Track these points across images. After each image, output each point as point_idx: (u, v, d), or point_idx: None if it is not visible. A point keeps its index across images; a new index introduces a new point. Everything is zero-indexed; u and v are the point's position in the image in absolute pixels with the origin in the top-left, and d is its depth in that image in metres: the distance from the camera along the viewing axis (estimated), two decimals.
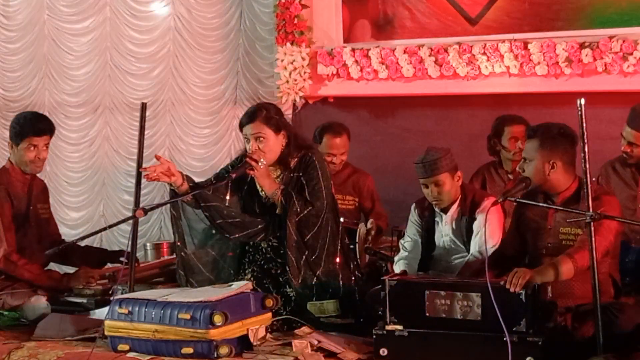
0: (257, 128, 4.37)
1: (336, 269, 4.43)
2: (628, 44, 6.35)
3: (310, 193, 4.40)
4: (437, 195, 4.62)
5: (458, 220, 4.67)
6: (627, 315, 3.77)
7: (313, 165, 4.43)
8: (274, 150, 4.38)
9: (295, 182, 4.43)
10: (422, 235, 4.79)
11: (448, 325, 3.70)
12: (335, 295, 4.33)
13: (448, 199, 4.64)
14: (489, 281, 3.60)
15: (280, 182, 4.43)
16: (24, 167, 4.97)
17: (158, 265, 5.21)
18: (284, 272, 4.37)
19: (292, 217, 4.32)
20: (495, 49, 6.73)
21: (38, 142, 4.95)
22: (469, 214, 4.63)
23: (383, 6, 7.42)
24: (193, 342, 3.75)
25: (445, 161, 4.60)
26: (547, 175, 4.03)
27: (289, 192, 4.36)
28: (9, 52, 8.78)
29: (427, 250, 4.77)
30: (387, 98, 7.30)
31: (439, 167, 4.57)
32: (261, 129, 4.36)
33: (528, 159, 4.06)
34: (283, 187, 4.37)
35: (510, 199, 3.95)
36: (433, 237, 4.76)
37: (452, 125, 7.17)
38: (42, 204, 5.09)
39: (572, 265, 3.80)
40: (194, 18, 8.11)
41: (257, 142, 4.36)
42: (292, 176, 4.44)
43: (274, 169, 4.47)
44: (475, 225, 4.60)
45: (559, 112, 5.52)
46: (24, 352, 3.98)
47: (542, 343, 3.57)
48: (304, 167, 4.44)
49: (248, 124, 4.40)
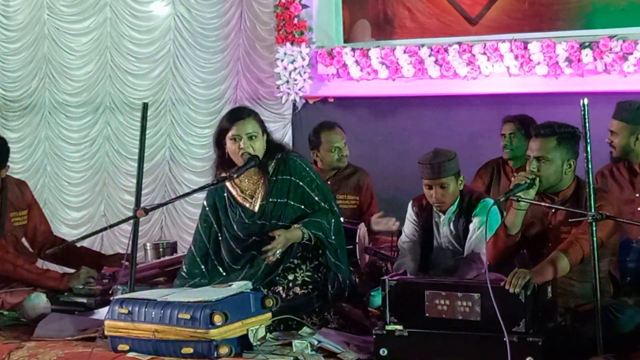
0: (251, 125, 4.28)
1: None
2: (628, 44, 6.36)
3: (318, 195, 4.36)
4: (440, 197, 4.61)
5: (456, 221, 4.68)
6: (627, 315, 3.77)
7: (301, 167, 4.37)
8: (261, 151, 4.32)
9: (282, 185, 4.33)
10: (420, 234, 4.78)
11: (448, 325, 3.70)
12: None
13: (450, 201, 4.65)
14: (489, 281, 3.60)
15: (262, 186, 4.37)
16: None
17: (158, 265, 5.20)
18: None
19: (331, 237, 4.31)
20: (495, 49, 6.74)
21: None
22: (466, 215, 4.64)
23: (383, 6, 7.43)
24: (193, 342, 3.75)
25: (453, 164, 4.61)
26: (563, 175, 4.02)
27: (314, 221, 4.28)
28: (9, 52, 8.79)
29: (425, 249, 4.77)
30: (387, 98, 7.31)
31: (447, 169, 4.56)
32: (254, 127, 4.29)
33: (544, 158, 3.97)
34: (302, 224, 4.28)
35: (512, 198, 3.93)
36: (431, 236, 4.76)
37: (452, 125, 7.18)
38: (16, 212, 5.03)
39: (567, 261, 3.80)
40: (194, 18, 8.12)
41: (249, 141, 4.26)
42: (274, 179, 4.34)
43: (250, 174, 4.37)
44: (471, 226, 4.61)
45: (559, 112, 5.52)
46: (24, 352, 3.97)
47: (542, 343, 3.57)
48: (291, 170, 4.35)
49: (241, 121, 4.29)
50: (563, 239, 3.96)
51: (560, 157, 3.97)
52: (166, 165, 8.40)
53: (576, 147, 4.00)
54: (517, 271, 3.67)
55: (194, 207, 8.26)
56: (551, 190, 4.05)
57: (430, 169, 4.57)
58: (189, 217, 8.26)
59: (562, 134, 3.98)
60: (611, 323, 3.68)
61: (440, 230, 4.73)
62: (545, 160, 3.97)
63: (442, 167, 4.55)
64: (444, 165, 4.55)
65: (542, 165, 3.97)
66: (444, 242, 4.72)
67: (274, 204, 4.35)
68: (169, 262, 5.27)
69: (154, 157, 8.33)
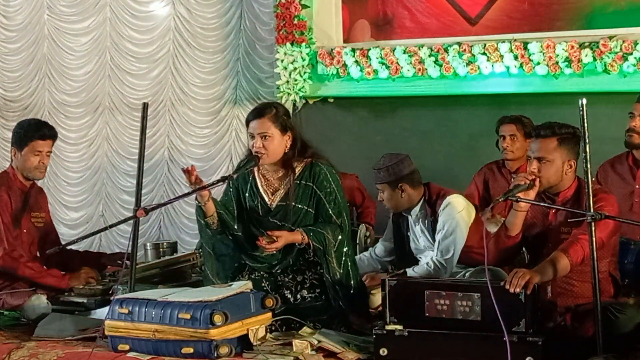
0: (264, 126, 4.29)
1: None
2: (628, 44, 6.36)
3: (333, 209, 4.34)
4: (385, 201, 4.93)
5: (424, 220, 4.85)
6: (627, 315, 3.77)
7: (325, 176, 4.35)
8: (277, 151, 4.32)
9: (304, 191, 4.34)
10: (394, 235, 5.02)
11: (448, 325, 3.71)
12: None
13: (392, 205, 4.90)
14: (489, 281, 3.60)
15: (285, 185, 4.37)
16: (27, 173, 4.99)
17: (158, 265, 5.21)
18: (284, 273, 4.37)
19: (330, 253, 4.27)
20: (495, 49, 6.73)
21: (42, 147, 4.97)
22: (433, 214, 4.74)
23: (383, 6, 7.42)
24: (193, 342, 3.75)
25: (384, 174, 4.84)
26: (564, 175, 4.01)
27: (318, 231, 4.27)
28: (9, 52, 8.79)
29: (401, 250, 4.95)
30: (387, 98, 7.31)
31: (378, 177, 4.88)
32: (268, 127, 4.28)
33: (545, 159, 3.97)
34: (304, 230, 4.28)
35: (511, 198, 3.93)
36: (406, 237, 4.93)
37: (452, 125, 7.18)
38: (38, 213, 5.08)
39: (567, 261, 3.80)
40: (194, 18, 8.12)
41: (262, 140, 4.28)
42: (298, 183, 4.35)
43: (276, 169, 4.41)
44: (438, 225, 4.69)
45: (558, 112, 5.52)
46: (24, 351, 3.97)
47: (542, 343, 3.57)
48: (314, 177, 4.35)
49: (255, 120, 4.32)
50: (563, 239, 3.96)
51: (560, 157, 3.97)
52: (165, 166, 8.39)
53: (577, 148, 4.00)
54: (517, 271, 3.67)
55: (192, 207, 8.19)
56: (552, 191, 4.05)
57: (373, 173, 4.92)
58: (188, 217, 8.26)
59: (563, 134, 3.98)
60: (611, 323, 3.68)
61: (414, 229, 4.89)
62: (546, 161, 3.97)
63: (375, 174, 4.89)
64: (376, 173, 4.88)
65: (543, 166, 3.97)
66: (420, 241, 4.79)
67: (293, 208, 4.34)
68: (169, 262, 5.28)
69: (153, 157, 8.32)
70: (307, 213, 4.35)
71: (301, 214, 4.35)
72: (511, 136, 5.85)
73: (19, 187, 4.99)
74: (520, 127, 5.83)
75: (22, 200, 4.99)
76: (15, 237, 4.90)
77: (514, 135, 5.84)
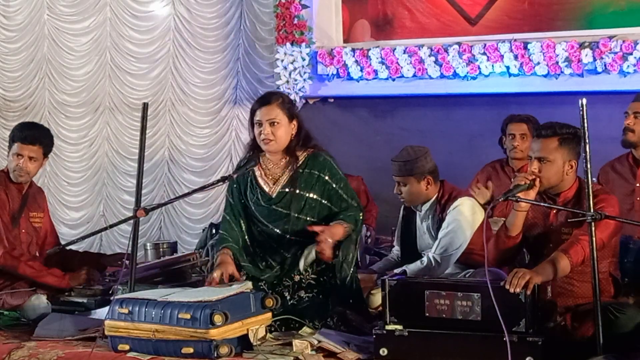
0: (273, 112, 4.27)
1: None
2: (628, 44, 6.36)
3: (346, 193, 4.35)
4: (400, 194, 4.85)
5: (433, 218, 4.83)
6: (627, 315, 3.77)
7: (330, 164, 4.36)
8: (284, 138, 4.30)
9: (307, 178, 4.32)
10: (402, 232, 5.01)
11: (448, 325, 3.70)
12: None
13: (410, 199, 4.84)
14: (489, 281, 3.60)
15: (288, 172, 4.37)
16: (10, 174, 4.94)
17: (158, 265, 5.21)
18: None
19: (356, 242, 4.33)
20: (495, 49, 6.74)
21: (23, 150, 4.86)
22: (442, 213, 4.73)
23: (383, 6, 7.43)
24: (193, 342, 3.75)
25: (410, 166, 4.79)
26: (565, 176, 4.01)
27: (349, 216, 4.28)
28: (9, 52, 8.80)
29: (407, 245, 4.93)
30: (387, 98, 7.32)
31: (402, 169, 4.80)
32: (277, 114, 4.27)
33: (546, 159, 3.96)
34: (341, 219, 4.28)
35: (511, 198, 3.93)
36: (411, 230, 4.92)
37: (452, 125, 7.18)
38: (36, 213, 5.06)
39: (568, 262, 3.80)
40: (194, 18, 8.13)
41: (271, 127, 4.26)
42: (301, 171, 4.34)
43: (279, 158, 4.40)
44: (444, 223, 4.67)
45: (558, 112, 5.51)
46: (24, 351, 3.97)
47: (542, 343, 3.57)
48: (319, 166, 4.34)
49: (263, 107, 4.29)
50: (564, 239, 3.96)
51: (561, 158, 3.97)
52: (165, 166, 8.40)
53: (578, 148, 3.99)
54: (517, 271, 3.67)
55: (192, 207, 8.28)
56: (552, 191, 4.05)
57: (394, 165, 4.83)
58: (188, 217, 8.27)
59: (564, 134, 3.98)
60: (611, 323, 3.68)
61: (420, 226, 4.87)
62: (547, 161, 3.96)
63: (399, 166, 4.80)
64: (400, 165, 4.79)
65: (544, 166, 3.97)
66: (426, 238, 4.81)
67: (297, 195, 4.32)
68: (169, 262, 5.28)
69: (153, 157, 8.33)
70: (311, 200, 4.33)
71: (304, 201, 4.33)
72: (522, 135, 5.78)
73: (16, 186, 4.97)
74: (531, 126, 5.78)
75: (20, 200, 4.98)
76: (14, 237, 4.90)
77: (524, 135, 5.78)
